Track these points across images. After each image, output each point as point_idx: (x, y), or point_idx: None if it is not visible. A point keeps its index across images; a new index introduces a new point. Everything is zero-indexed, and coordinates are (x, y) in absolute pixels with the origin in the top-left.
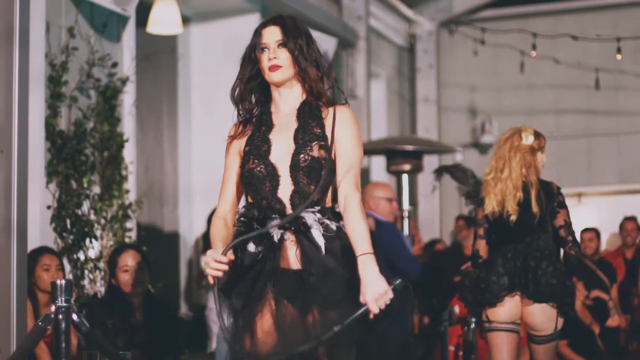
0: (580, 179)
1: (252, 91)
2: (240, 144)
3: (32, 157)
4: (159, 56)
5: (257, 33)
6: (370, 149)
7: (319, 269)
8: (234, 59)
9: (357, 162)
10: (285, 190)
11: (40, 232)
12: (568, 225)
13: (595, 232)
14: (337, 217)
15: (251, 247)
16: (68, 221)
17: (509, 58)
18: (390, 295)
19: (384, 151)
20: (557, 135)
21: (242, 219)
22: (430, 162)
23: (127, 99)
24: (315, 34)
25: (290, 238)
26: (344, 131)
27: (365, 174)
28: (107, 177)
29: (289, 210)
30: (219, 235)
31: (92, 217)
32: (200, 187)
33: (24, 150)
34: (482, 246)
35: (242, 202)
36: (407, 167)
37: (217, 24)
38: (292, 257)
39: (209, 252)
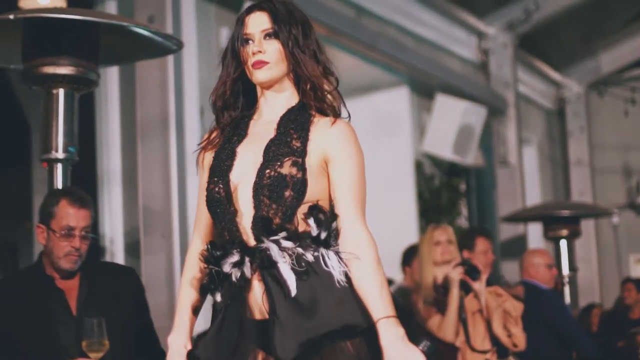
0: None
1: (237, 95)
2: (211, 156)
3: None
4: None
5: (240, 21)
6: (526, 216)
7: (286, 319)
8: (382, 134)
9: (361, 188)
10: (246, 215)
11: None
12: None
13: None
14: (319, 243)
15: (217, 296)
16: None
17: None
18: None
19: (540, 217)
20: None
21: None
22: (587, 226)
23: None
24: (466, 104)
25: (256, 276)
26: (341, 150)
27: (522, 242)
28: None
29: (252, 241)
30: (184, 306)
31: None
32: None
33: (185, 236)
34: None
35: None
36: (564, 232)
37: (365, 99)
38: (258, 303)
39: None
